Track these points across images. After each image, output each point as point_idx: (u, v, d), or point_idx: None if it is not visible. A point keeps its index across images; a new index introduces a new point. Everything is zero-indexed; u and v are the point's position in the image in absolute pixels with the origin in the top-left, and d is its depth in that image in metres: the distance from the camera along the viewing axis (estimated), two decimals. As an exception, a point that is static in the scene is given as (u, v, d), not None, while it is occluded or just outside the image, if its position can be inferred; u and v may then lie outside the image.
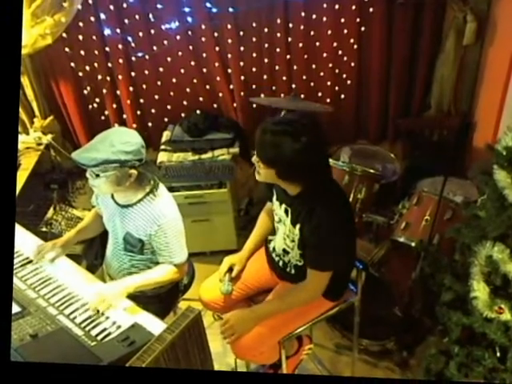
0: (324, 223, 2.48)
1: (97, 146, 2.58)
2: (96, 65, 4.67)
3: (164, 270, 2.81)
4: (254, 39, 4.63)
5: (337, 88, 4.90)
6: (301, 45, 4.65)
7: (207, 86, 4.85)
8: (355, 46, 4.69)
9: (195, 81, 4.79)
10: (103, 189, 2.69)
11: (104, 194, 2.89)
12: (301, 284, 2.71)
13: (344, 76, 4.85)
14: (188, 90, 4.84)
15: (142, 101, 4.90)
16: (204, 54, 4.68)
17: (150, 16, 4.44)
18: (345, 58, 4.75)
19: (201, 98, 4.89)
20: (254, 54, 4.70)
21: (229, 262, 2.96)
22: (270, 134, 2.40)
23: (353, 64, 4.78)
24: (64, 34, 4.40)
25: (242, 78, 4.78)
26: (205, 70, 4.77)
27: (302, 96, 4.72)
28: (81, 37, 4.53)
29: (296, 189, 2.56)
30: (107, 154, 2.53)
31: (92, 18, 4.44)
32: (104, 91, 4.78)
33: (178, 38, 4.54)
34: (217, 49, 4.64)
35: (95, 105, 4.90)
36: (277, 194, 2.78)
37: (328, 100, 4.90)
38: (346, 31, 4.62)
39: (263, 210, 3.10)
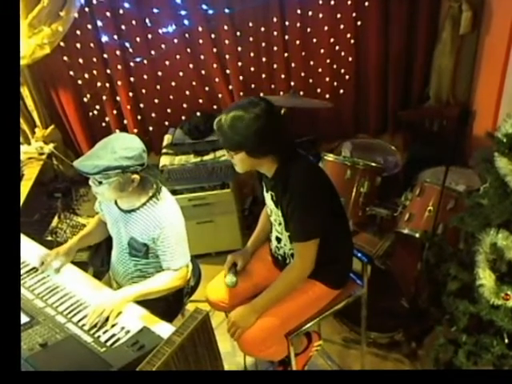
0: (294, 194, 2.53)
1: (98, 153, 2.58)
2: (95, 72, 4.68)
3: (165, 278, 2.79)
4: (251, 39, 4.64)
5: (335, 83, 4.92)
6: (298, 42, 4.67)
7: (206, 88, 4.87)
8: (352, 41, 4.72)
9: (194, 83, 4.81)
10: (107, 195, 2.69)
11: (107, 201, 2.89)
12: (290, 264, 2.75)
13: (342, 71, 4.87)
14: (187, 92, 4.85)
15: (141, 105, 4.92)
16: (202, 56, 4.69)
17: (147, 21, 4.45)
18: (342, 53, 4.78)
19: (200, 100, 4.90)
20: (252, 54, 4.72)
21: (232, 259, 2.98)
22: (224, 120, 2.49)
23: (350, 59, 4.80)
24: (62, 43, 4.41)
25: (241, 77, 4.80)
26: (203, 72, 4.78)
27: (301, 93, 4.74)
28: (78, 45, 4.54)
29: (271, 168, 2.62)
30: (109, 160, 2.53)
31: (89, 26, 4.45)
32: (104, 98, 4.79)
33: (176, 41, 4.56)
34: (214, 50, 4.65)
35: (95, 112, 4.91)
36: (265, 185, 2.82)
37: (327, 96, 4.92)
38: (342, 26, 4.64)
39: (264, 208, 3.11)
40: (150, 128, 5.02)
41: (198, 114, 4.68)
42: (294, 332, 2.76)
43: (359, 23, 4.65)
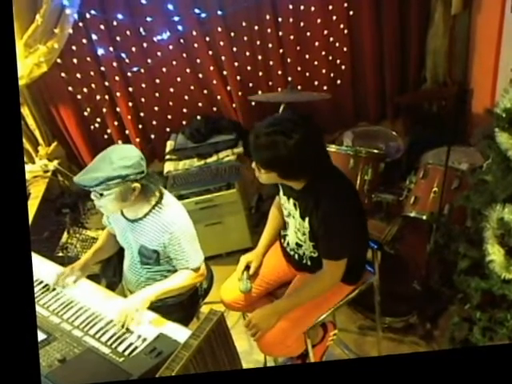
0: (331, 213, 2.49)
1: (96, 166, 2.60)
2: (93, 85, 4.72)
3: (183, 276, 2.82)
4: (245, 38, 4.67)
5: (332, 74, 4.93)
6: (292, 37, 4.69)
7: (205, 91, 4.89)
8: (346, 31, 4.73)
9: (192, 87, 4.83)
10: (110, 207, 2.70)
11: (112, 213, 2.90)
12: (318, 274, 2.70)
13: (338, 62, 4.88)
14: (186, 97, 4.88)
15: (142, 114, 4.95)
16: (198, 60, 4.71)
17: (141, 30, 4.48)
18: (337, 44, 4.79)
19: (200, 104, 4.92)
20: (248, 53, 4.74)
21: (245, 261, 2.97)
22: (262, 137, 2.39)
23: (345, 49, 4.81)
24: (58, 60, 4.45)
25: (238, 77, 4.82)
26: (201, 76, 4.81)
27: (299, 87, 4.72)
28: (75, 60, 4.57)
29: (300, 183, 2.56)
30: (107, 171, 2.54)
31: (84, 40, 4.48)
32: (104, 110, 4.82)
33: (171, 47, 4.59)
34: (210, 53, 4.67)
35: (97, 125, 4.95)
36: (283, 189, 2.78)
37: (325, 87, 4.93)
38: (334, 18, 4.65)
39: (273, 205, 3.10)
40: (152, 136, 5.06)
41: (199, 117, 4.72)
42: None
43: (351, 13, 4.65)
